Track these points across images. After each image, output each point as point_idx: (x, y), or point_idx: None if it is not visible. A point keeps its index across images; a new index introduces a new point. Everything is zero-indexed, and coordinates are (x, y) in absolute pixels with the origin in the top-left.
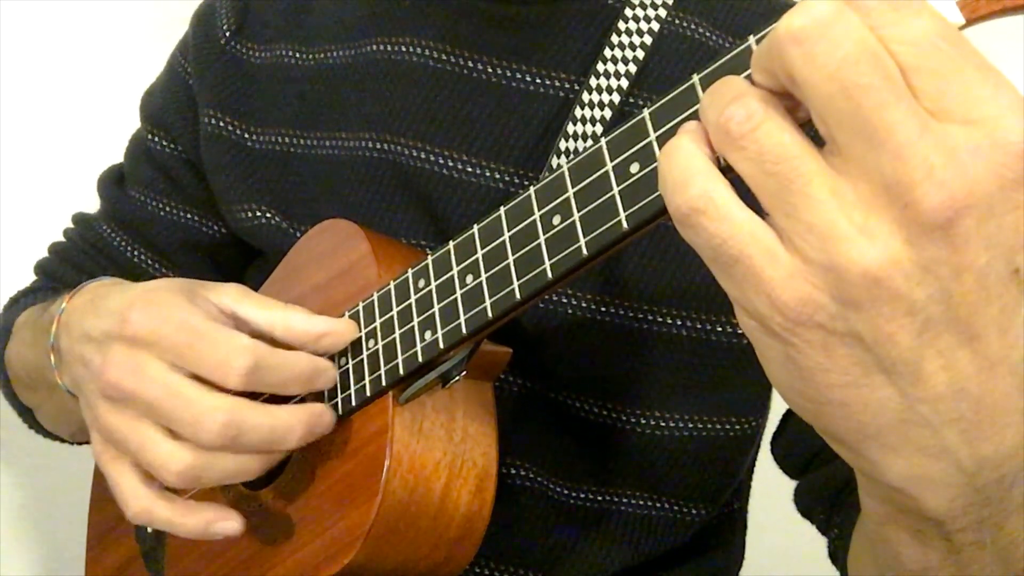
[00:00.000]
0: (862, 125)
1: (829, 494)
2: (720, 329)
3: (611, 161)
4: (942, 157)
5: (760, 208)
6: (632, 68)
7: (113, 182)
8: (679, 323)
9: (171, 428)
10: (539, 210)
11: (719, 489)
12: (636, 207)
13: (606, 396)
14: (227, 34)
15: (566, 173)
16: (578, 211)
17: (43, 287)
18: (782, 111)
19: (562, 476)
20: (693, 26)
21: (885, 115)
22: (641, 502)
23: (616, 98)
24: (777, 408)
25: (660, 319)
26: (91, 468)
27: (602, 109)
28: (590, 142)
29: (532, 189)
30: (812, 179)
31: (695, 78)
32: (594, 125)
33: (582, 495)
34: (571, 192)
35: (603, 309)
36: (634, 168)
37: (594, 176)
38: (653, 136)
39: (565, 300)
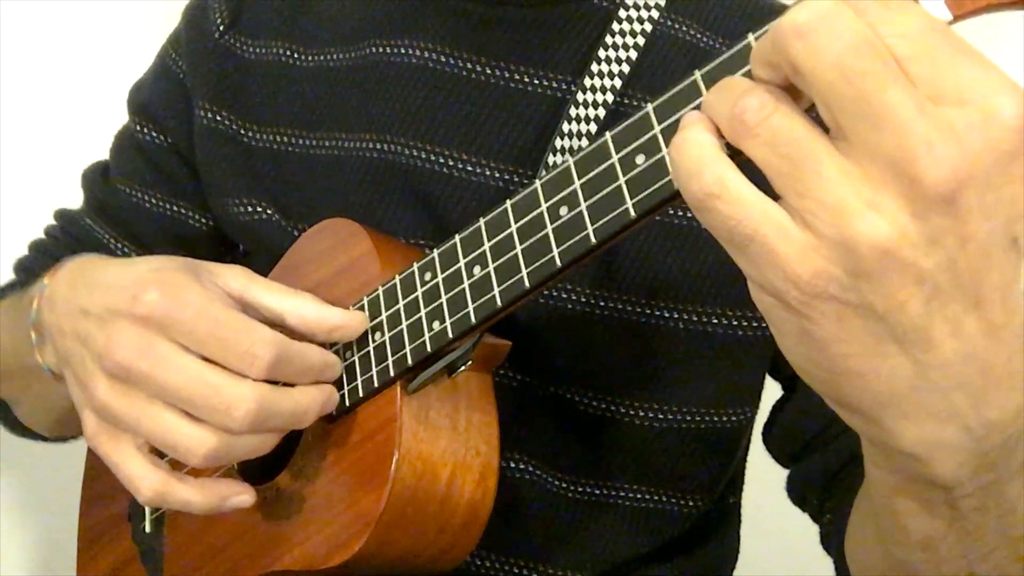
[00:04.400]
0: (865, 108)
1: (821, 481)
2: (716, 321)
3: (616, 153)
4: (941, 134)
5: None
6: (625, 68)
7: (98, 175)
8: (675, 316)
9: (190, 412)
10: (546, 201)
11: (714, 480)
12: (642, 195)
13: (603, 389)
14: (220, 28)
15: (572, 166)
16: (585, 201)
17: (23, 281)
18: (790, 100)
19: (560, 469)
20: (684, 27)
21: (885, 97)
22: (638, 495)
23: (610, 98)
24: (767, 399)
25: (656, 312)
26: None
27: (596, 108)
28: (585, 141)
29: (538, 182)
30: (823, 159)
31: (697, 74)
32: (588, 124)
33: (580, 487)
34: (578, 184)
35: (600, 303)
36: (639, 159)
37: (600, 168)
38: (657, 129)
39: (564, 295)
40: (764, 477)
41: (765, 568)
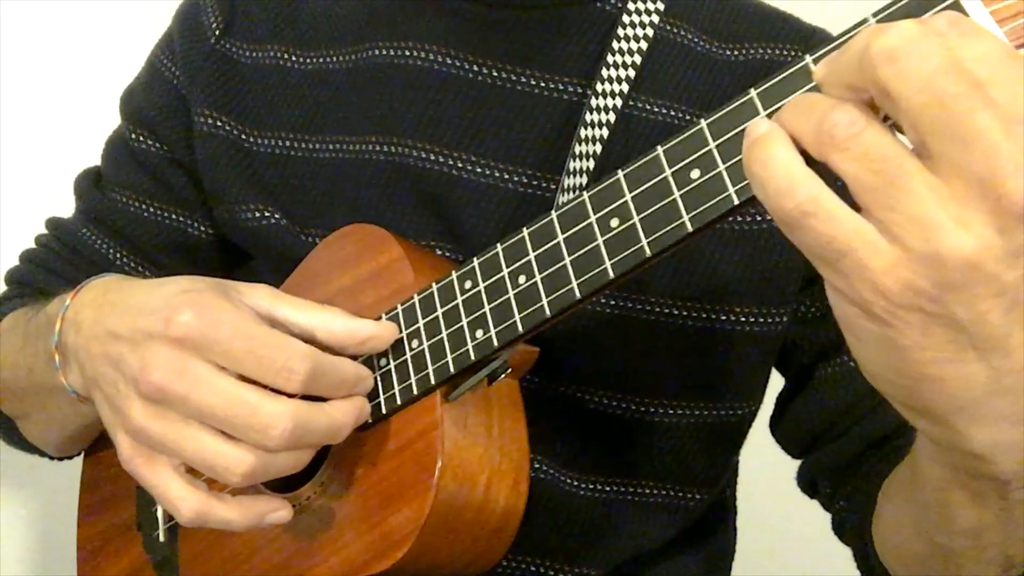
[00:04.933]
0: (954, 130)
1: (834, 470)
2: (724, 317)
3: (670, 168)
4: None
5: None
6: (631, 73)
7: (91, 184)
8: (684, 313)
9: (228, 432)
10: (595, 213)
11: (719, 472)
12: (699, 210)
13: (613, 387)
14: (216, 33)
15: (622, 179)
16: (638, 214)
17: (20, 294)
18: (878, 118)
19: (572, 468)
20: (682, 32)
21: (974, 120)
22: (647, 490)
23: (619, 102)
24: (771, 393)
25: (666, 310)
26: None
27: (607, 113)
28: (599, 146)
29: (586, 195)
30: (913, 176)
31: (752, 92)
32: (601, 129)
33: (592, 485)
34: (629, 197)
35: (611, 303)
36: (694, 174)
37: (652, 182)
38: (713, 145)
39: None
40: (762, 476)
41: (762, 562)
